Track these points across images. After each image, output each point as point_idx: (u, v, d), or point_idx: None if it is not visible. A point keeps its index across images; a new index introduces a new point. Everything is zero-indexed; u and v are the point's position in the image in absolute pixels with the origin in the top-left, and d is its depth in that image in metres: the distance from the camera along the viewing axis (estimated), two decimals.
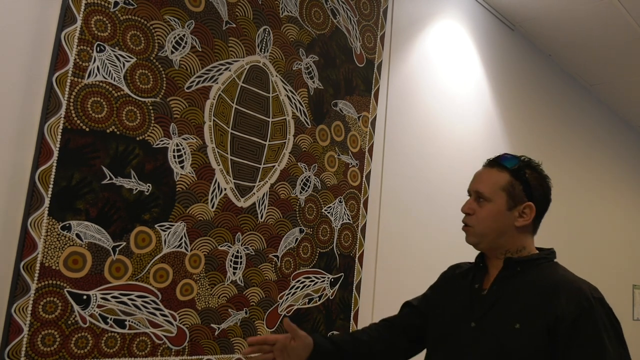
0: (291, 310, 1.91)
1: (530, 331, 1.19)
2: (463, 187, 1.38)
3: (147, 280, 1.54)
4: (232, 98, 1.78)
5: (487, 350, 1.22)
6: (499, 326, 1.23)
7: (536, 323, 1.19)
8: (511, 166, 1.31)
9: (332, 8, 2.11)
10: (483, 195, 1.30)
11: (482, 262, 1.37)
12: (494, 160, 1.35)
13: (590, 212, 4.10)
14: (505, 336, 1.21)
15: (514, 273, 1.28)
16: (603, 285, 1.30)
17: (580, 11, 3.01)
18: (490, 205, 1.30)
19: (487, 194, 1.30)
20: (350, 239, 2.13)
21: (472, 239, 1.33)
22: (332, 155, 2.08)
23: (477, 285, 1.33)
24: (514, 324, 1.20)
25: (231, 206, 1.75)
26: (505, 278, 1.29)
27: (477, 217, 1.31)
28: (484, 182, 1.32)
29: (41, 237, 1.35)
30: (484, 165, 1.37)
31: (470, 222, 1.32)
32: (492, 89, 3.11)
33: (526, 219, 1.29)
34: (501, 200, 1.29)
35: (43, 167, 1.35)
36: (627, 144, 4.79)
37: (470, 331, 1.27)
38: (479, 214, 1.31)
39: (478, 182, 1.34)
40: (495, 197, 1.29)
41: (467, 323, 1.28)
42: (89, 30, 1.45)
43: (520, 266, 1.29)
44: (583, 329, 1.16)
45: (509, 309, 1.24)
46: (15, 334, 1.30)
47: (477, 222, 1.31)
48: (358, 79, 2.19)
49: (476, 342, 1.25)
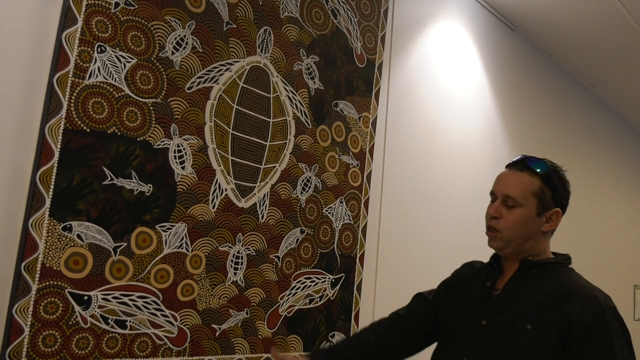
0: (292, 310, 1.91)
1: (541, 333, 1.19)
2: (463, 187, 1.39)
3: (148, 281, 1.54)
4: (232, 99, 1.78)
5: (497, 349, 1.23)
6: (510, 326, 1.23)
7: (548, 325, 1.19)
8: (542, 171, 1.29)
9: (332, 8, 2.11)
10: (514, 199, 1.28)
11: (496, 262, 1.36)
12: (521, 163, 1.32)
13: (591, 212, 4.10)
14: (515, 336, 1.21)
15: (528, 275, 1.28)
16: (604, 286, 1.31)
17: (580, 11, 3.01)
18: (521, 210, 1.27)
19: (519, 199, 1.27)
20: (351, 239, 2.13)
21: (498, 244, 1.30)
22: (333, 156, 2.08)
23: (489, 284, 1.33)
24: (525, 324, 1.20)
25: (232, 207, 1.75)
26: (520, 279, 1.29)
27: (506, 222, 1.28)
28: (515, 186, 1.29)
29: (42, 238, 1.35)
30: (511, 168, 1.33)
31: (497, 226, 1.29)
32: (492, 89, 3.11)
33: (552, 224, 1.29)
34: (532, 206, 1.27)
35: (44, 168, 1.35)
36: (628, 144, 4.79)
37: (480, 329, 1.27)
38: (507, 218, 1.28)
39: (506, 185, 1.30)
40: (526, 202, 1.27)
41: (478, 321, 1.28)
42: (89, 31, 1.45)
43: (535, 268, 1.28)
44: (595, 334, 1.16)
45: (521, 309, 1.24)
46: (16, 335, 1.30)
47: (505, 226, 1.28)
48: (359, 80, 2.19)
49: (486, 341, 1.25)
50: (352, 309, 2.11)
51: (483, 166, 2.90)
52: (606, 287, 1.31)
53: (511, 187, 1.29)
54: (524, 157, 1.33)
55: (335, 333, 2.05)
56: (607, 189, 4.37)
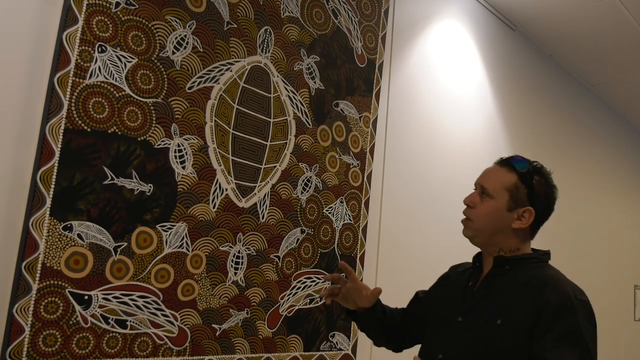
0: (292, 310, 1.91)
1: (511, 328, 1.21)
2: (464, 187, 1.39)
3: (149, 281, 1.54)
4: (233, 98, 1.78)
5: (470, 345, 1.26)
6: (482, 322, 1.26)
7: (518, 320, 1.21)
8: (520, 169, 1.33)
9: (333, 8, 2.11)
10: (487, 191, 1.33)
11: (478, 262, 1.40)
12: (505, 159, 1.37)
13: (592, 212, 4.10)
14: (486, 332, 1.24)
15: (502, 271, 1.31)
16: (604, 286, 1.31)
17: (581, 12, 3.01)
18: (492, 202, 1.32)
19: (491, 191, 1.32)
20: (352, 239, 2.13)
21: (468, 232, 1.36)
22: (334, 156, 2.08)
23: (471, 283, 1.37)
24: (495, 320, 1.23)
25: (232, 206, 1.75)
26: (494, 276, 1.32)
27: (477, 212, 1.33)
28: (491, 178, 1.35)
29: (42, 238, 1.35)
30: (495, 163, 1.39)
31: (470, 215, 1.35)
32: (493, 89, 3.11)
33: (523, 222, 1.31)
34: (503, 200, 1.31)
35: (44, 168, 1.35)
36: (629, 144, 4.79)
37: (456, 326, 1.31)
38: (479, 208, 1.33)
39: (485, 177, 1.37)
40: (498, 196, 1.31)
41: (455, 318, 1.32)
42: (90, 31, 1.45)
43: (509, 264, 1.31)
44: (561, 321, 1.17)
45: (493, 305, 1.27)
46: (16, 334, 1.30)
47: (476, 216, 1.33)
48: (359, 79, 2.19)
49: (460, 337, 1.29)
50: None
51: (483, 166, 2.89)
52: (606, 287, 1.32)
53: (487, 179, 1.35)
54: (512, 155, 1.38)
55: (336, 333, 2.05)
56: (607, 189, 4.37)
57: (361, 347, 2.15)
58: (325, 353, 2.01)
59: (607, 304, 3.90)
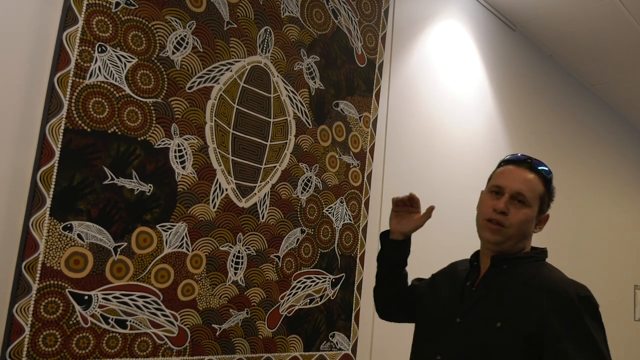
0: (292, 310, 1.91)
1: (510, 331, 1.20)
2: (464, 187, 1.38)
3: (149, 281, 1.54)
4: (233, 98, 1.78)
5: (469, 347, 1.25)
6: (481, 324, 1.25)
7: (517, 323, 1.20)
8: (548, 176, 1.33)
9: (333, 8, 2.11)
10: (525, 198, 1.29)
11: (476, 261, 1.38)
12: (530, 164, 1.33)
13: (592, 212, 4.10)
14: (486, 334, 1.23)
15: (500, 271, 1.30)
16: (604, 286, 1.31)
17: (581, 12, 3.01)
18: (528, 210, 1.29)
19: (529, 199, 1.29)
20: (352, 239, 2.13)
21: (499, 238, 1.30)
22: (334, 156, 2.08)
23: (469, 283, 1.35)
24: (495, 322, 1.22)
25: (232, 206, 1.75)
26: (492, 276, 1.31)
27: (512, 219, 1.28)
28: (527, 185, 1.30)
29: (42, 238, 1.35)
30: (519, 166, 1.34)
31: (504, 221, 1.29)
32: (493, 89, 3.11)
33: (541, 227, 1.33)
34: (535, 207, 1.30)
35: (44, 168, 1.35)
36: (629, 144, 4.79)
37: (455, 327, 1.29)
38: (515, 215, 1.28)
39: (521, 183, 1.30)
40: (533, 204, 1.30)
41: (454, 319, 1.30)
42: (90, 31, 1.45)
43: (506, 264, 1.30)
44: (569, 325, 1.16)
45: (492, 307, 1.26)
46: (16, 334, 1.30)
47: (510, 223, 1.28)
48: (359, 80, 2.20)
49: (459, 338, 1.27)
50: (352, 309, 2.11)
51: (483, 166, 2.89)
52: (606, 287, 1.32)
53: (524, 186, 1.30)
54: (529, 158, 1.35)
55: (336, 333, 2.05)
56: (607, 189, 4.37)
57: (361, 347, 2.16)
58: (325, 353, 2.01)
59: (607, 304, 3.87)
